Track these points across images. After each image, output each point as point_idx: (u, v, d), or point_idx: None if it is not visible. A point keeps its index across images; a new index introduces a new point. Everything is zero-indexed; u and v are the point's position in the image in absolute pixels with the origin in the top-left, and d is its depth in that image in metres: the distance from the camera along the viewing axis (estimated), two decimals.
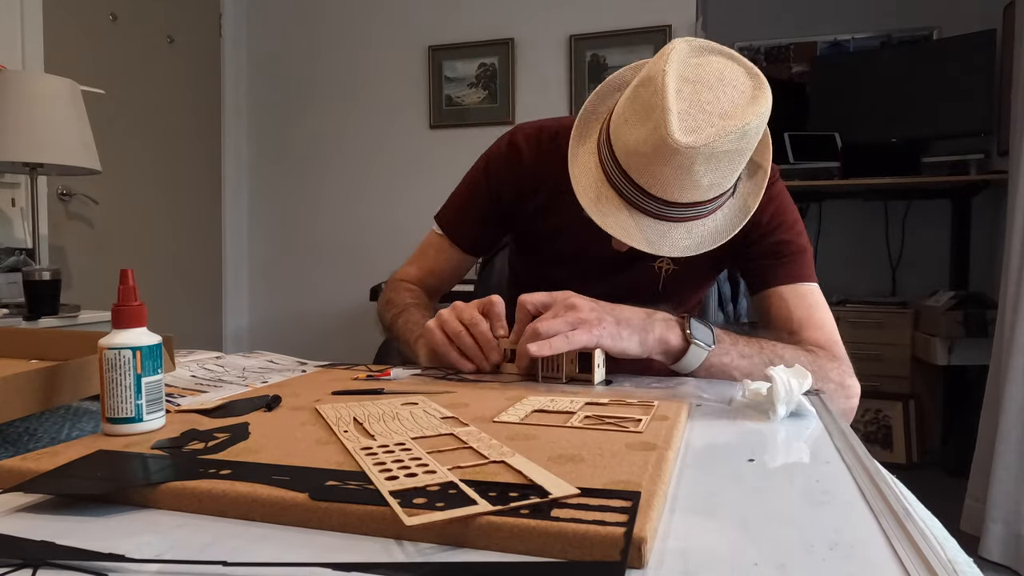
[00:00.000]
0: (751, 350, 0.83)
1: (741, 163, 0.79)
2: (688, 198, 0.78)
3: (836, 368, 0.87)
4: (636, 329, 0.79)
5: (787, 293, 0.95)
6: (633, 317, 0.80)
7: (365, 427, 0.56)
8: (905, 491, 0.50)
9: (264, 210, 3.31)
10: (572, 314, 0.78)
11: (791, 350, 0.85)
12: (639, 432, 0.54)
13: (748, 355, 0.82)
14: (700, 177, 0.76)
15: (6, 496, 0.44)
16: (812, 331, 0.92)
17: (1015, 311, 1.94)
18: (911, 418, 2.76)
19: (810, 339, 0.91)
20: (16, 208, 2.19)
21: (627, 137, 0.79)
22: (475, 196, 1.12)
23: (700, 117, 0.74)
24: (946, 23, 3.02)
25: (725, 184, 0.80)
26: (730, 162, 0.76)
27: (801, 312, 0.94)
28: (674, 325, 0.81)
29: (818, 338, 0.92)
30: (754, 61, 3.32)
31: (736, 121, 0.73)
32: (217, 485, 0.42)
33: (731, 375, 0.81)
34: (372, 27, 3.08)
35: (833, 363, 0.87)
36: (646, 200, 0.80)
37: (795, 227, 0.99)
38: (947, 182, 2.78)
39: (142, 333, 0.56)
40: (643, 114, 0.77)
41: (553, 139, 1.04)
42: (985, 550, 1.91)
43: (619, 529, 0.35)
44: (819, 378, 0.83)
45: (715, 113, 0.74)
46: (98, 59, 2.50)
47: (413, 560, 0.35)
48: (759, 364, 0.82)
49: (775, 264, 0.97)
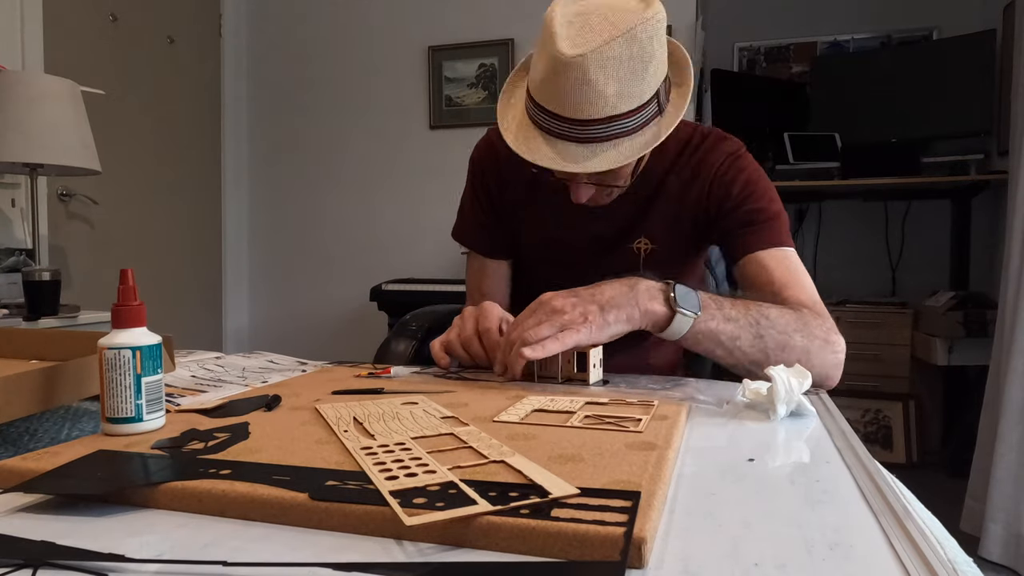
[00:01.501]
0: (737, 312, 0.83)
1: (644, 71, 0.81)
2: (601, 112, 0.80)
3: (821, 324, 0.88)
4: (622, 307, 0.79)
5: (765, 258, 0.96)
6: (616, 295, 0.79)
7: (365, 427, 0.56)
8: (905, 491, 0.50)
9: (264, 210, 3.31)
10: (557, 318, 0.77)
11: (776, 308, 0.86)
12: (639, 432, 0.54)
13: (734, 318, 0.82)
14: (602, 87, 0.79)
15: (6, 496, 0.44)
16: (794, 291, 0.93)
17: (1015, 311, 1.94)
18: (911, 418, 2.76)
19: (793, 298, 0.92)
20: (16, 208, 2.19)
21: (534, 74, 0.85)
22: (474, 203, 1.15)
23: (586, 33, 0.80)
24: (946, 23, 3.02)
25: (635, 93, 0.81)
26: (630, 69, 0.79)
27: (781, 274, 0.95)
28: (657, 293, 0.80)
29: (801, 297, 0.92)
30: (754, 61, 3.33)
31: (620, 27, 0.78)
32: (217, 485, 0.42)
33: (719, 339, 0.81)
34: (372, 28, 3.08)
35: (817, 320, 0.88)
36: (562, 124, 0.83)
37: (766, 194, 0.99)
38: (947, 182, 2.78)
39: (142, 333, 0.56)
40: (541, 49, 0.83)
41: None
42: (985, 550, 1.91)
43: (619, 529, 0.35)
44: (805, 334, 0.84)
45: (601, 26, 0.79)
46: (98, 59, 2.50)
47: (413, 560, 0.35)
48: (745, 326, 0.82)
49: (750, 231, 0.98)
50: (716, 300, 0.83)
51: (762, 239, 0.97)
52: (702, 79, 2.76)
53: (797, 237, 3.21)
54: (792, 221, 3.19)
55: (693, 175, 1.01)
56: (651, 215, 1.03)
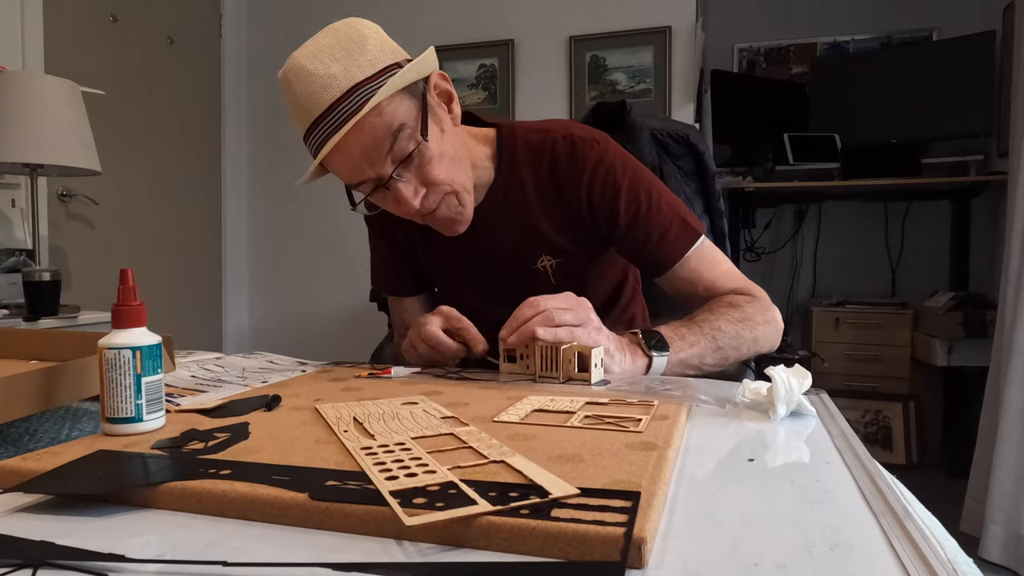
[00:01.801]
0: (695, 336, 0.89)
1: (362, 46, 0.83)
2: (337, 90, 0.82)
3: (761, 311, 0.95)
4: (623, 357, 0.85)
5: (685, 266, 0.98)
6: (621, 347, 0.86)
7: (365, 427, 0.56)
8: (905, 491, 0.50)
9: (264, 210, 3.30)
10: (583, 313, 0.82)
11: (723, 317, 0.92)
12: (639, 432, 0.54)
13: (694, 342, 0.89)
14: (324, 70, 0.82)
15: (6, 496, 0.44)
16: (724, 283, 0.98)
17: (1015, 312, 1.94)
18: (911, 419, 2.76)
19: (724, 290, 0.97)
20: (16, 209, 2.19)
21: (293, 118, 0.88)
22: (378, 248, 1.18)
23: None
24: (946, 24, 3.03)
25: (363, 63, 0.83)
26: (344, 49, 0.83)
27: (706, 274, 0.99)
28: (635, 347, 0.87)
29: (733, 287, 0.98)
30: (754, 62, 3.33)
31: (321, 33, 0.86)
32: (217, 485, 0.42)
33: (689, 363, 0.88)
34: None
35: (755, 306, 0.95)
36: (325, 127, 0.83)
37: (652, 199, 0.97)
38: (947, 183, 2.78)
39: (142, 333, 0.56)
40: None
41: None
42: (985, 551, 1.91)
43: (619, 529, 0.35)
44: (750, 326, 0.92)
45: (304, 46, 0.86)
46: (98, 60, 2.50)
47: (413, 560, 0.35)
48: (706, 344, 0.89)
49: (657, 246, 0.98)
50: (677, 331, 0.89)
51: (674, 248, 0.98)
52: (702, 79, 2.76)
53: (797, 237, 3.21)
54: (792, 221, 3.23)
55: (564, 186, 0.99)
56: (540, 232, 1.01)
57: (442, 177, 0.89)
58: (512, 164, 1.01)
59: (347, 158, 0.85)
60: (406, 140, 0.85)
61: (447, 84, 0.92)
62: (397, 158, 0.86)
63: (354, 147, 0.84)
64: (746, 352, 0.93)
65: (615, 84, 2.77)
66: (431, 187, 0.89)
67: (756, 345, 0.94)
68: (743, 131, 3.07)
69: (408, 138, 0.85)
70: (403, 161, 0.86)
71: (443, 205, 0.92)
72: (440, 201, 0.91)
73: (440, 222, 0.94)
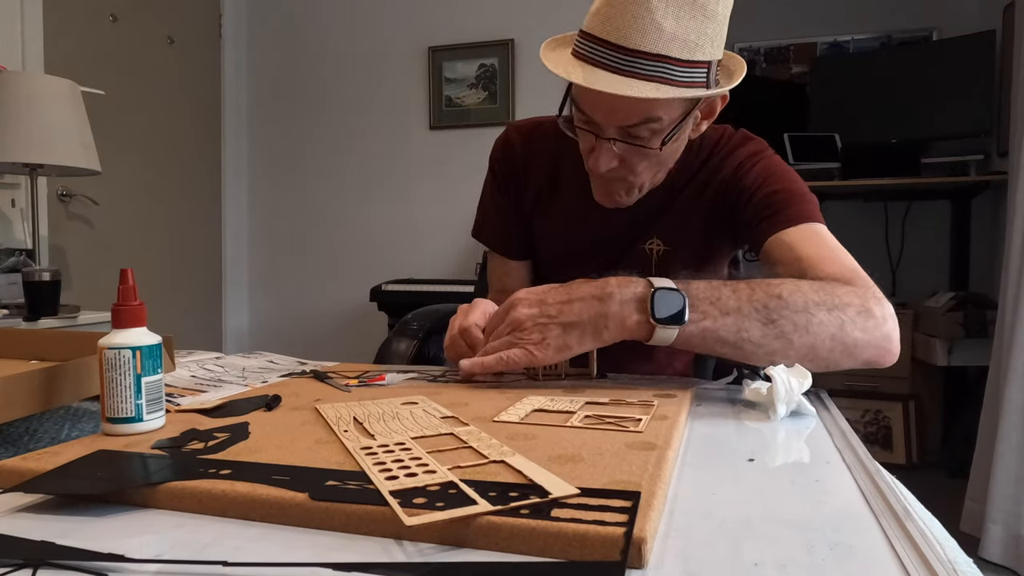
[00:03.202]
0: (738, 301, 0.71)
1: (705, 25, 0.76)
2: (652, 44, 0.75)
3: (854, 292, 0.74)
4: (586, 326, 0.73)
5: (787, 237, 0.85)
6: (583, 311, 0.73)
7: (365, 427, 0.56)
8: (905, 491, 0.50)
9: (264, 210, 3.31)
10: (516, 334, 0.75)
11: (791, 284, 0.73)
12: (639, 432, 0.54)
13: (733, 308, 0.71)
14: (660, 18, 0.74)
15: (6, 496, 0.44)
16: (825, 266, 0.79)
17: (1015, 311, 1.94)
18: (911, 419, 2.76)
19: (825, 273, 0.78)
20: (16, 209, 2.19)
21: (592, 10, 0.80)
22: (495, 202, 1.11)
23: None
24: (946, 24, 3.03)
25: (690, 42, 0.75)
26: (691, 14, 0.75)
27: (808, 250, 0.82)
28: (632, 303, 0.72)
29: (833, 271, 0.78)
30: (754, 62, 3.33)
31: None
32: (217, 485, 0.42)
33: (719, 337, 0.71)
34: (372, 28, 3.08)
35: (848, 288, 0.74)
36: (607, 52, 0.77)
37: (786, 177, 0.92)
38: (947, 183, 2.78)
39: (142, 333, 0.56)
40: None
41: (544, 130, 1.05)
42: (985, 551, 1.90)
43: (619, 529, 0.34)
44: (831, 307, 0.71)
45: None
46: (98, 59, 2.50)
47: (413, 560, 0.35)
48: (750, 313, 0.71)
49: (770, 215, 0.88)
50: (712, 290, 0.72)
51: (784, 217, 0.86)
52: None
53: None
54: None
55: (712, 174, 0.97)
56: (666, 215, 1.00)
57: (639, 170, 0.87)
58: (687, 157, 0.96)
59: (595, 95, 0.79)
60: (648, 129, 0.82)
61: (720, 105, 0.88)
62: (628, 133, 0.82)
63: (610, 95, 0.77)
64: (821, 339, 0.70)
65: None
66: (625, 168, 0.87)
67: (843, 335, 0.71)
68: None
69: (650, 130, 0.82)
70: (631, 136, 0.83)
71: (616, 184, 0.90)
72: (617, 180, 0.89)
73: (601, 188, 0.92)
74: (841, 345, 0.71)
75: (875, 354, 0.73)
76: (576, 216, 1.04)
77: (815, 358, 0.71)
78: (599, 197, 0.94)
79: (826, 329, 0.70)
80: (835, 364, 0.73)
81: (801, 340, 0.70)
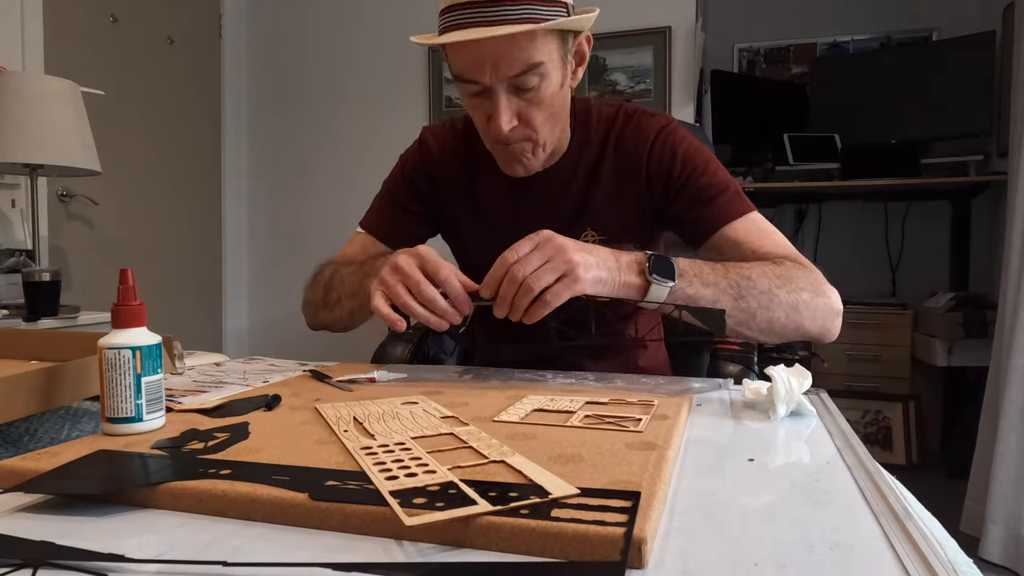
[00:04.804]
0: (716, 276, 0.81)
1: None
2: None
3: (807, 275, 0.85)
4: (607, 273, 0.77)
5: (730, 231, 0.92)
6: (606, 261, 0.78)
7: (365, 427, 0.56)
8: (905, 491, 0.50)
9: (264, 211, 3.30)
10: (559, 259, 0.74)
11: (757, 267, 0.83)
12: (639, 432, 0.54)
13: (712, 282, 0.80)
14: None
15: (6, 496, 0.44)
16: (771, 249, 0.90)
17: (1015, 312, 1.94)
18: (911, 419, 2.76)
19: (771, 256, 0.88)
20: (16, 209, 2.19)
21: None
22: (394, 192, 1.12)
23: None
24: (946, 24, 3.03)
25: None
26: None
27: (752, 239, 0.91)
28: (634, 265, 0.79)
29: (779, 253, 0.89)
30: (754, 62, 3.33)
31: None
32: (217, 485, 0.42)
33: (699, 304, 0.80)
34: (372, 28, 3.08)
35: (802, 271, 0.85)
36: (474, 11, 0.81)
37: (709, 166, 0.96)
38: (947, 183, 2.78)
39: (142, 333, 0.56)
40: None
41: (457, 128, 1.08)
42: (985, 551, 1.90)
43: (619, 529, 0.34)
44: (790, 288, 0.82)
45: None
46: (98, 60, 2.50)
47: (413, 560, 0.35)
48: (726, 288, 0.80)
49: (705, 210, 0.94)
50: (695, 266, 0.81)
51: (721, 213, 0.93)
52: (702, 80, 2.76)
53: (797, 237, 3.21)
54: (792, 221, 3.22)
55: (625, 157, 0.99)
56: (591, 205, 1.01)
57: (538, 124, 0.91)
58: (585, 134, 1.01)
59: (477, 54, 0.84)
60: (535, 76, 0.86)
61: (587, 48, 0.94)
62: (518, 84, 0.86)
63: (492, 50, 0.83)
64: (782, 319, 0.82)
65: (615, 84, 2.77)
66: (524, 125, 0.91)
67: (796, 314, 0.82)
68: (743, 131, 3.07)
69: (537, 75, 0.86)
70: (521, 90, 0.87)
71: (520, 145, 0.93)
72: (520, 140, 0.92)
73: (508, 156, 0.95)
74: (797, 319, 0.83)
75: (823, 327, 0.85)
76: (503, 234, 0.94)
77: (771, 332, 0.83)
78: (506, 167, 0.96)
79: (784, 307, 0.82)
80: (787, 337, 0.86)
81: (766, 317, 0.82)
